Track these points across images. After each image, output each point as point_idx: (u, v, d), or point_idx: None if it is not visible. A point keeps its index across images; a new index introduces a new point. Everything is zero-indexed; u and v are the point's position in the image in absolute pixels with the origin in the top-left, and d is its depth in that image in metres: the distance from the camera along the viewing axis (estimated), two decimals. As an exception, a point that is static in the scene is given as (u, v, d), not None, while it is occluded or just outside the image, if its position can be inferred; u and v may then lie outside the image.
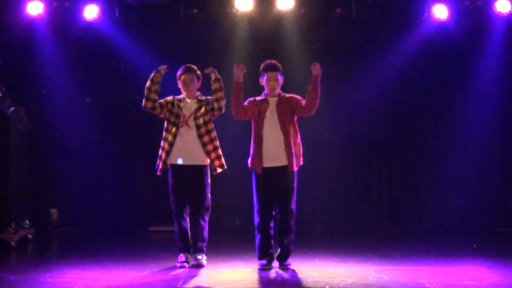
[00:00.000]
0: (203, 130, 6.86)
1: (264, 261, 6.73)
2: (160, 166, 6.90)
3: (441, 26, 9.43)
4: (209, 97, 6.99)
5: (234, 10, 9.36)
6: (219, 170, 6.95)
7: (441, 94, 9.96)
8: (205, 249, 6.92)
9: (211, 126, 6.92)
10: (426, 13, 9.30)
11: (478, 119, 9.85)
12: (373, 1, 9.31)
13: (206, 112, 6.91)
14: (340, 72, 9.98)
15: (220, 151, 6.94)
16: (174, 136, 6.84)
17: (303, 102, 6.76)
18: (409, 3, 9.37)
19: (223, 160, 6.96)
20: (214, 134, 6.91)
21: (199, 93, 7.03)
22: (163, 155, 6.89)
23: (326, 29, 9.72)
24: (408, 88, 10.01)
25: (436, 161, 10.00)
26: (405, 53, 9.71)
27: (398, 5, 9.42)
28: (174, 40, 9.84)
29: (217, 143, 6.94)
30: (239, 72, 6.71)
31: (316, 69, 6.67)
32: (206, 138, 6.85)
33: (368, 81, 9.95)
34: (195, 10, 9.57)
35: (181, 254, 6.91)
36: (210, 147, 6.86)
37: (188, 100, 6.95)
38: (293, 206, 6.72)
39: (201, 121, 6.87)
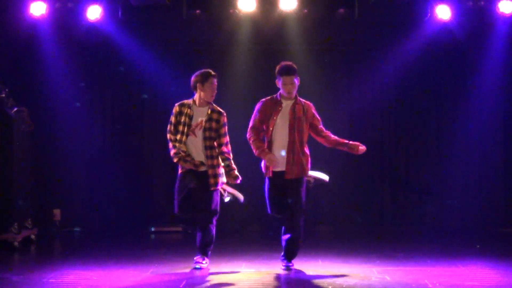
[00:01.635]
0: (207, 143, 6.73)
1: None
2: (190, 165, 6.67)
3: (444, 27, 9.43)
4: (221, 111, 6.83)
5: (237, 11, 9.36)
6: (211, 188, 6.72)
7: (444, 94, 9.95)
8: (209, 252, 6.90)
9: (214, 142, 6.77)
10: (429, 14, 9.30)
11: (480, 120, 9.84)
12: (376, 1, 9.30)
13: (214, 130, 6.75)
14: (343, 72, 9.98)
15: (219, 170, 6.75)
16: (185, 143, 6.75)
17: (320, 127, 6.75)
18: (412, 4, 9.36)
19: (219, 179, 6.75)
20: (216, 151, 6.74)
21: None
22: (189, 157, 6.69)
23: (329, 29, 9.71)
24: (410, 88, 10.01)
25: (439, 162, 9.99)
26: (408, 53, 9.70)
27: (401, 5, 9.40)
28: (177, 40, 9.84)
29: (218, 161, 6.76)
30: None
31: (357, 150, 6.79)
32: (208, 152, 6.72)
33: (371, 81, 9.94)
34: (198, 11, 9.57)
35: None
36: (209, 162, 6.72)
37: (200, 108, 6.78)
38: (301, 208, 6.60)
39: (207, 134, 6.73)
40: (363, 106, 10.02)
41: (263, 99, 6.75)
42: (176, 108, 6.82)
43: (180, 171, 6.76)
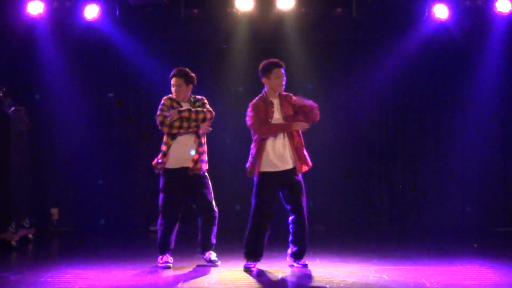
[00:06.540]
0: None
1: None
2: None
3: (442, 26, 9.44)
4: (200, 97, 6.97)
5: (234, 10, 9.36)
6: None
7: (442, 94, 9.95)
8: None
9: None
10: (427, 13, 9.31)
11: (478, 119, 9.84)
12: (374, 0, 9.31)
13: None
14: (340, 72, 9.97)
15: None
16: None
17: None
18: (409, 3, 9.37)
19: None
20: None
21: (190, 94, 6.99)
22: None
23: (326, 29, 9.72)
24: (409, 88, 10.00)
25: (437, 161, 9.98)
26: (406, 53, 9.70)
27: (398, 5, 9.42)
28: (174, 40, 9.84)
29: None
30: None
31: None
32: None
33: (369, 81, 9.94)
34: (195, 10, 9.58)
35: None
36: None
37: (182, 103, 6.93)
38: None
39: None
40: (361, 106, 10.01)
41: (253, 102, 6.67)
42: (168, 101, 6.97)
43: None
